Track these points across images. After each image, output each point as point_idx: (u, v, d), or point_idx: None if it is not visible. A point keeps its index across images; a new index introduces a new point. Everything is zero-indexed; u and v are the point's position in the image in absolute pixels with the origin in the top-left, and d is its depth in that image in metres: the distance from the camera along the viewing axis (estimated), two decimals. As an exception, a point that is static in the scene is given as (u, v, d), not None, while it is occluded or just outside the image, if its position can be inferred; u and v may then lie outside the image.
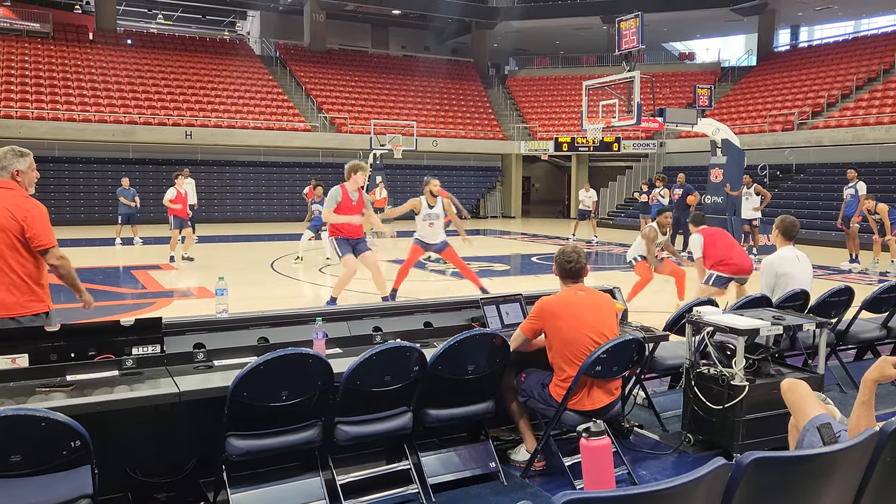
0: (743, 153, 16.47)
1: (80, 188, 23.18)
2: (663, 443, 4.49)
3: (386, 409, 3.49)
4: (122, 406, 3.05)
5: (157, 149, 24.00)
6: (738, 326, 4.06)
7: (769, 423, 3.98)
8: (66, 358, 3.37)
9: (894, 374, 2.62)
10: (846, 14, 31.87)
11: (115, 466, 3.25)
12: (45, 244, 3.87)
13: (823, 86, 25.34)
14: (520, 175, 31.23)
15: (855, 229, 13.46)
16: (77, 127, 22.45)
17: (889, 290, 5.82)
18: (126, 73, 25.82)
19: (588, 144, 24.60)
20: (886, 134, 20.35)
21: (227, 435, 3.14)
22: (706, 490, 1.72)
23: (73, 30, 27.31)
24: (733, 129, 17.87)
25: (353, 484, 3.54)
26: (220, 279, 4.10)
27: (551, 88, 33.04)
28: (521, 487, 3.83)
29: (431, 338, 4.23)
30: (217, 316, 3.91)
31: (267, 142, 25.17)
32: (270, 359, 3.05)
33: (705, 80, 28.91)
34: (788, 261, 5.57)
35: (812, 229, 17.64)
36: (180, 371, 3.42)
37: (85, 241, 16.81)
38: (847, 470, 2.05)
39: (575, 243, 6.26)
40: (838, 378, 5.67)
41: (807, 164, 22.98)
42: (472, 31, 34.38)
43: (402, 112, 28.54)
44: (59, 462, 2.54)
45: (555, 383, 3.80)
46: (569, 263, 3.90)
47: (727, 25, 33.32)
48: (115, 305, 9.26)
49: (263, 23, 34.43)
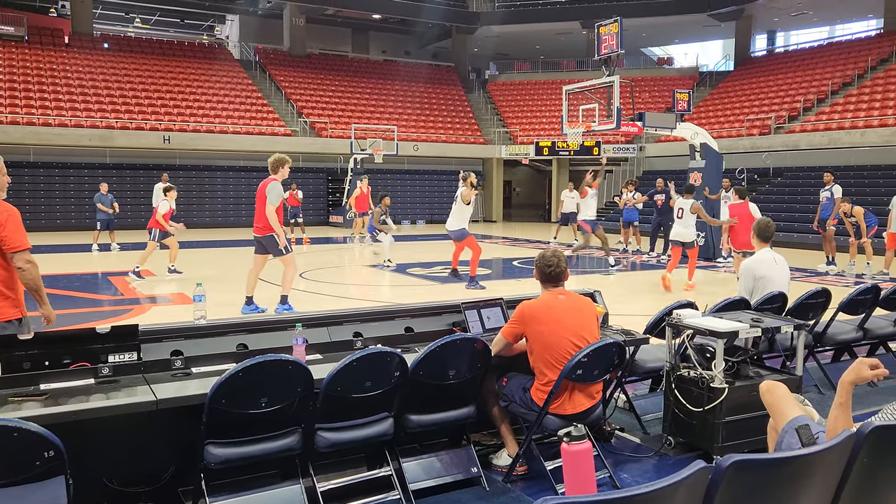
0: (721, 157, 16.67)
1: (56, 194, 22.90)
2: (644, 446, 4.51)
3: (367, 416, 3.47)
4: (97, 415, 3.00)
5: (136, 154, 23.77)
6: (717, 329, 4.09)
7: (749, 424, 4.01)
8: (40, 366, 3.31)
9: (870, 376, 2.65)
10: (821, 20, 32.35)
11: (91, 476, 3.20)
12: (16, 246, 3.80)
13: (800, 90, 25.68)
14: (501, 179, 31.33)
15: (831, 232, 13.63)
16: (53, 132, 22.17)
17: (865, 292, 5.89)
18: (103, 77, 25.55)
19: (569, 148, 24.75)
20: (861, 138, 20.65)
21: (205, 443, 3.10)
22: (686, 493, 1.72)
23: (49, 33, 26.97)
24: (711, 134, 18.06)
25: (333, 491, 3.51)
26: (198, 285, 4.07)
27: (532, 93, 33.18)
28: (503, 492, 3.82)
29: (412, 343, 4.21)
30: (195, 322, 3.87)
31: (247, 146, 25.02)
32: (249, 365, 3.02)
33: (684, 84, 29.18)
34: (766, 263, 5.62)
35: (789, 232, 17.85)
36: (157, 378, 3.37)
37: (61, 247, 16.60)
38: (825, 471, 2.07)
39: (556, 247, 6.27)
40: (816, 379, 5.72)
41: (783, 168, 23.26)
42: (452, 35, 34.46)
43: (382, 116, 28.52)
44: (33, 473, 2.49)
45: (536, 387, 3.80)
46: (549, 268, 3.90)
47: (705, 31, 33.68)
48: (91, 312, 9.14)
49: (243, 27, 34.25)
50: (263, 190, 8.12)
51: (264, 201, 8.10)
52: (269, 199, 8.02)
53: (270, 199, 8.03)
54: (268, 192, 8.04)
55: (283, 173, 8.09)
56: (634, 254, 16.37)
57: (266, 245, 8.27)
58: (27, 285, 3.91)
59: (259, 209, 8.24)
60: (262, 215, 8.19)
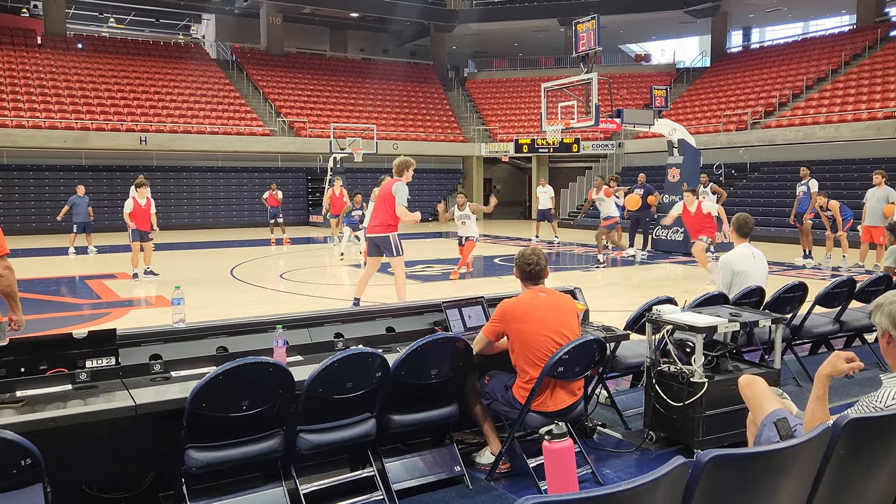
0: (699, 153, 16.81)
1: (30, 196, 22.59)
2: (626, 441, 4.54)
3: (349, 416, 3.46)
4: (75, 421, 2.95)
5: (111, 155, 23.50)
6: (696, 324, 4.12)
7: (728, 418, 4.05)
8: (16, 373, 3.26)
9: (846, 369, 2.69)
10: (795, 16, 32.74)
11: (69, 483, 3.16)
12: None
13: (775, 86, 25.96)
14: (481, 177, 31.35)
15: (808, 226, 13.80)
16: (26, 134, 21.85)
17: (841, 285, 5.97)
18: (77, 77, 25.22)
19: (548, 146, 24.83)
20: (836, 132, 20.93)
21: (185, 447, 3.07)
22: (666, 490, 1.73)
23: (21, 34, 26.55)
24: (689, 129, 18.23)
25: (316, 493, 3.49)
26: (177, 288, 4.03)
27: (510, 90, 33.25)
28: (486, 490, 3.83)
29: (394, 343, 4.20)
30: (174, 326, 3.83)
31: (224, 147, 24.83)
32: (230, 369, 2.99)
33: (661, 81, 29.39)
34: (745, 258, 5.68)
35: (767, 226, 18.05)
36: (136, 383, 3.33)
37: (37, 250, 16.37)
38: (803, 464, 2.09)
39: (536, 245, 6.29)
40: (794, 372, 5.80)
41: (760, 163, 23.51)
42: (430, 33, 34.43)
43: (361, 115, 28.43)
44: (9, 482, 2.45)
45: (518, 385, 3.81)
46: (529, 266, 3.92)
47: (681, 27, 33.95)
48: (68, 316, 9.03)
49: (219, 26, 33.97)
50: (389, 190, 8.13)
51: (388, 202, 8.12)
52: (397, 198, 8.06)
53: (399, 199, 8.06)
54: (395, 192, 8.07)
55: (407, 176, 8.16)
56: (614, 250, 16.47)
57: (381, 245, 8.26)
58: (3, 290, 3.85)
59: (379, 208, 8.27)
60: (380, 214, 8.21)
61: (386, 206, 8.16)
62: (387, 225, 8.18)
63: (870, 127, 20.19)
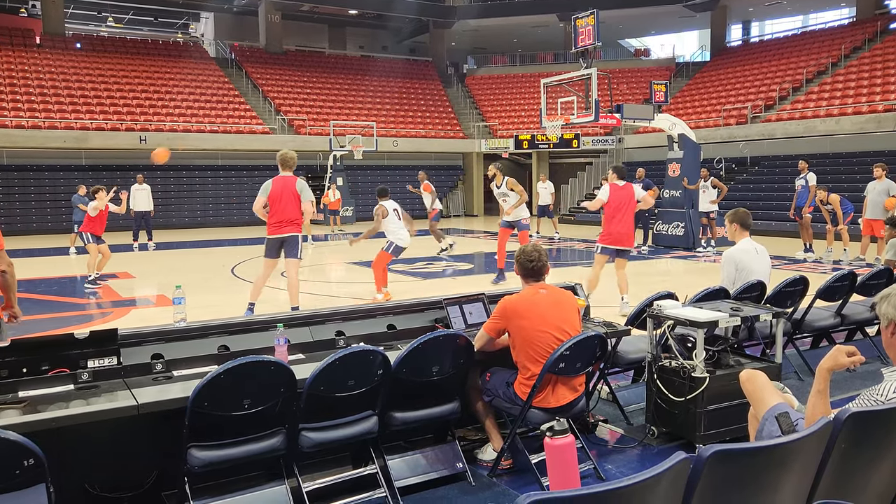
0: (699, 147, 16.80)
1: (31, 197, 22.56)
2: (628, 436, 4.54)
3: (351, 414, 3.46)
4: (78, 421, 2.96)
5: (111, 154, 23.47)
6: (697, 319, 4.12)
7: (730, 413, 4.06)
8: (18, 374, 3.27)
9: (847, 363, 2.68)
10: (794, 9, 32.68)
11: (72, 483, 3.17)
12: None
13: (775, 79, 25.91)
14: (481, 173, 31.28)
15: (808, 219, 13.79)
16: (26, 134, 21.84)
17: (842, 278, 5.96)
18: (76, 77, 25.20)
19: (548, 141, 24.81)
20: (836, 125, 20.90)
21: (188, 446, 3.08)
22: (668, 485, 1.73)
23: (19, 34, 26.51)
24: (689, 124, 18.20)
25: (319, 490, 3.50)
26: (178, 287, 4.02)
27: (510, 86, 33.20)
28: (488, 487, 3.83)
29: (395, 340, 4.21)
30: (175, 325, 3.84)
31: (224, 145, 24.81)
32: (231, 367, 3.00)
33: (661, 75, 29.36)
34: (748, 253, 5.65)
35: (767, 220, 18.03)
36: (138, 383, 3.34)
37: (38, 250, 16.37)
38: (804, 459, 2.09)
39: (536, 241, 6.28)
40: (795, 366, 5.79)
41: (761, 157, 23.47)
42: (429, 30, 34.37)
43: (361, 113, 28.39)
44: (12, 482, 2.46)
45: (519, 382, 3.82)
46: (530, 262, 3.92)
47: (681, 21, 33.88)
48: (69, 317, 9.04)
49: (217, 24, 33.92)
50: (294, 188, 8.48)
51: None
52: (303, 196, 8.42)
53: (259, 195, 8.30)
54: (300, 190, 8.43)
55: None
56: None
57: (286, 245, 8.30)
58: (2, 286, 3.86)
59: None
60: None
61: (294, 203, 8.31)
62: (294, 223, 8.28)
63: (870, 120, 20.17)
